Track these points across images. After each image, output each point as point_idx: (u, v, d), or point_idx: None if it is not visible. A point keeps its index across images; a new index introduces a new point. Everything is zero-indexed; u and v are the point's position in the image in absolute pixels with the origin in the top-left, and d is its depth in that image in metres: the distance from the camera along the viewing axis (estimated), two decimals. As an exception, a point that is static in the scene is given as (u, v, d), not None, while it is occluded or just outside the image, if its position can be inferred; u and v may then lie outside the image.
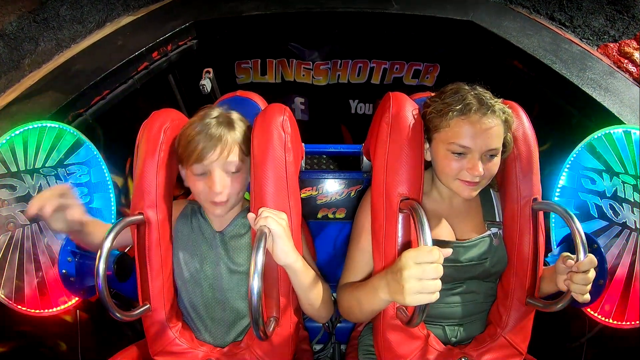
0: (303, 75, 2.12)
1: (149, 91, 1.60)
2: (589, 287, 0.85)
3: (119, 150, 1.48)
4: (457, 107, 0.91)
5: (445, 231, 1.03)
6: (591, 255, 0.84)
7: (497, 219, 1.06)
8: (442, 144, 0.94)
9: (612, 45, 1.39)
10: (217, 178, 0.93)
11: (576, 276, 0.84)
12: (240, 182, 0.99)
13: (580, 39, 1.48)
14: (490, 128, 0.89)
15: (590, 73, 1.38)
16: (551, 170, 1.26)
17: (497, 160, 0.94)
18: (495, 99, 0.94)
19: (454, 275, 0.99)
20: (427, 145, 0.99)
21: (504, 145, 0.96)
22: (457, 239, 1.03)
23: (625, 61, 1.35)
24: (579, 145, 1.22)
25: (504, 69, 1.61)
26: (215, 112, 0.99)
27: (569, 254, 0.90)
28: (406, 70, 2.08)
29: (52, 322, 1.21)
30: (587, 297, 0.85)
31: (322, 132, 2.40)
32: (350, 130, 2.44)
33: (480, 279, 1.03)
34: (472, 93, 0.93)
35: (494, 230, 1.04)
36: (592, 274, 0.84)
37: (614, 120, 1.26)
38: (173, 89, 1.87)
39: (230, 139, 0.94)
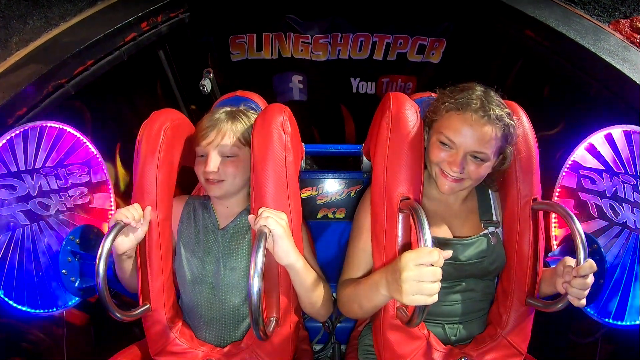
0: (301, 50, 2.00)
1: (137, 67, 1.54)
2: (587, 292, 0.85)
3: (107, 134, 1.43)
4: (457, 102, 0.91)
5: (443, 229, 1.04)
6: (591, 261, 0.84)
7: (495, 219, 1.07)
8: (434, 132, 0.97)
9: (623, 21, 1.36)
10: (212, 158, 1.01)
11: (575, 280, 0.85)
12: (236, 166, 1.03)
13: (590, 15, 1.43)
14: (483, 132, 0.89)
15: (604, 44, 1.31)
16: (568, 149, 1.22)
17: (486, 165, 0.94)
18: (502, 108, 0.92)
19: (453, 273, 1.00)
20: (426, 133, 1.01)
21: (504, 157, 0.96)
22: (455, 237, 1.03)
23: (638, 37, 1.31)
24: (579, 145, 1.22)
25: (514, 41, 1.53)
26: (228, 108, 1.10)
27: (569, 258, 0.90)
28: (410, 45, 1.95)
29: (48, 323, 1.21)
30: (584, 302, 0.85)
31: (321, 113, 2.27)
32: (352, 111, 2.30)
33: (478, 277, 1.03)
34: (478, 94, 0.92)
35: (491, 229, 1.05)
36: (590, 279, 0.84)
37: (635, 89, 1.19)
38: (163, 65, 1.78)
39: (226, 127, 1.03)
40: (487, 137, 0.89)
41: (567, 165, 1.22)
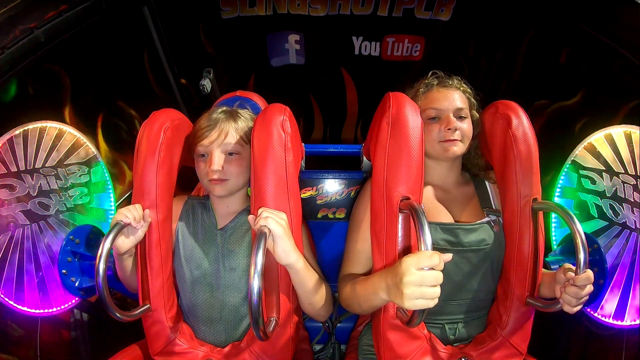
0: (298, 5, 1.82)
1: (121, 29, 1.43)
2: (581, 300, 0.86)
3: (88, 103, 1.36)
4: (423, 87, 1.11)
5: (444, 215, 1.05)
6: (589, 272, 0.85)
7: (494, 208, 1.08)
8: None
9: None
10: (215, 156, 1.01)
11: (570, 288, 0.85)
12: (239, 165, 1.04)
13: None
14: (452, 93, 1.06)
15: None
16: (588, 121, 1.16)
17: (468, 120, 1.06)
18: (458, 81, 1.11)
19: (456, 259, 0.99)
20: None
21: (475, 123, 1.09)
22: (456, 222, 1.05)
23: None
24: (579, 145, 1.21)
25: None
26: (225, 107, 1.11)
27: (570, 266, 0.90)
28: (418, 0, 1.80)
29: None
30: (575, 310, 0.87)
31: (320, 78, 2.11)
32: (353, 76, 2.12)
33: (481, 268, 1.03)
34: (434, 77, 1.12)
35: (492, 217, 1.06)
36: (586, 291, 0.85)
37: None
38: (149, 25, 1.63)
39: (228, 125, 1.04)
40: (457, 96, 1.07)
41: (567, 165, 1.22)
